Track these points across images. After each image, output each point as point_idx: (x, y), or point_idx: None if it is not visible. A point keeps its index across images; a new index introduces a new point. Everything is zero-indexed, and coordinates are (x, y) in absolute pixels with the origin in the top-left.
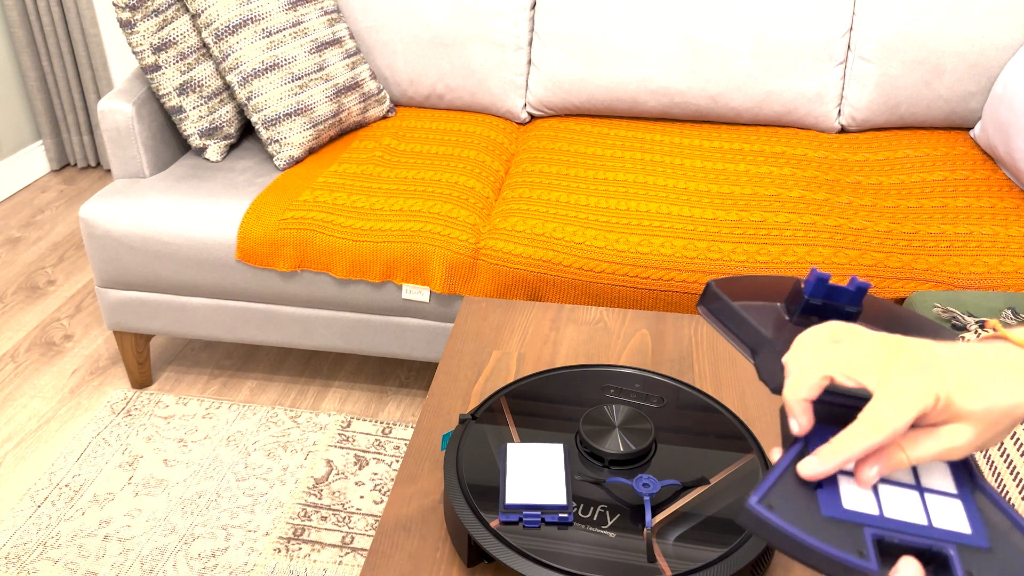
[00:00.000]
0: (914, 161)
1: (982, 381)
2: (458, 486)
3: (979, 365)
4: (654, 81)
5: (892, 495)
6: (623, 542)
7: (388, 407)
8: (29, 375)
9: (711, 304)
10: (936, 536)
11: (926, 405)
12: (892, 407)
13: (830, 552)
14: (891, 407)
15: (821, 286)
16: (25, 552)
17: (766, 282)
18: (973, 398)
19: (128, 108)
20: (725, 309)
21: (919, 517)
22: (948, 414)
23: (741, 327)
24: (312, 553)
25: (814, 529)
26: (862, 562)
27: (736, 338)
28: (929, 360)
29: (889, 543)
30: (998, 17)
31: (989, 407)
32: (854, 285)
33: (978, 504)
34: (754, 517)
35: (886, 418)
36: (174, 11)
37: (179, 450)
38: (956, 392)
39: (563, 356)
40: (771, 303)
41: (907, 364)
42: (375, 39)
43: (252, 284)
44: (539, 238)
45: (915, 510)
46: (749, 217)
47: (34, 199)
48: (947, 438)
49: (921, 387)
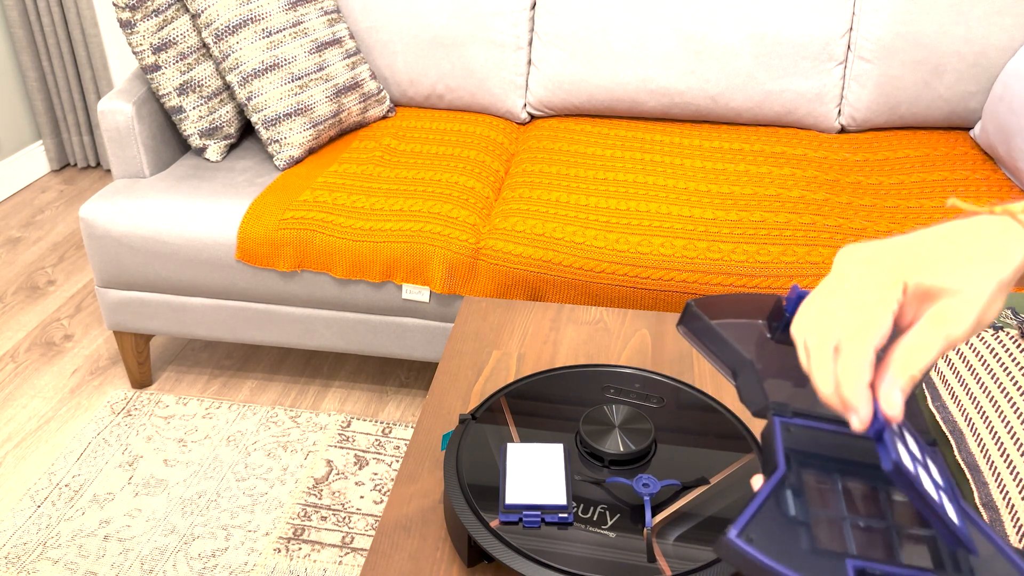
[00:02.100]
0: (914, 161)
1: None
2: (458, 486)
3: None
4: (654, 81)
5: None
6: (623, 542)
7: (388, 407)
8: (29, 375)
9: (691, 324)
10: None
11: (897, 296)
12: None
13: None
14: (862, 311)
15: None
16: (25, 552)
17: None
18: (949, 274)
19: (128, 108)
20: (705, 329)
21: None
22: (927, 300)
23: (721, 348)
24: (312, 553)
25: (795, 563)
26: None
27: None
28: (882, 251)
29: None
30: (998, 17)
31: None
32: None
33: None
34: (733, 550)
35: (863, 322)
36: (174, 11)
37: (179, 450)
38: (926, 273)
39: (563, 356)
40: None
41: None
42: (375, 39)
43: (252, 284)
44: (539, 238)
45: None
46: (749, 217)
47: (34, 199)
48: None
49: (882, 277)
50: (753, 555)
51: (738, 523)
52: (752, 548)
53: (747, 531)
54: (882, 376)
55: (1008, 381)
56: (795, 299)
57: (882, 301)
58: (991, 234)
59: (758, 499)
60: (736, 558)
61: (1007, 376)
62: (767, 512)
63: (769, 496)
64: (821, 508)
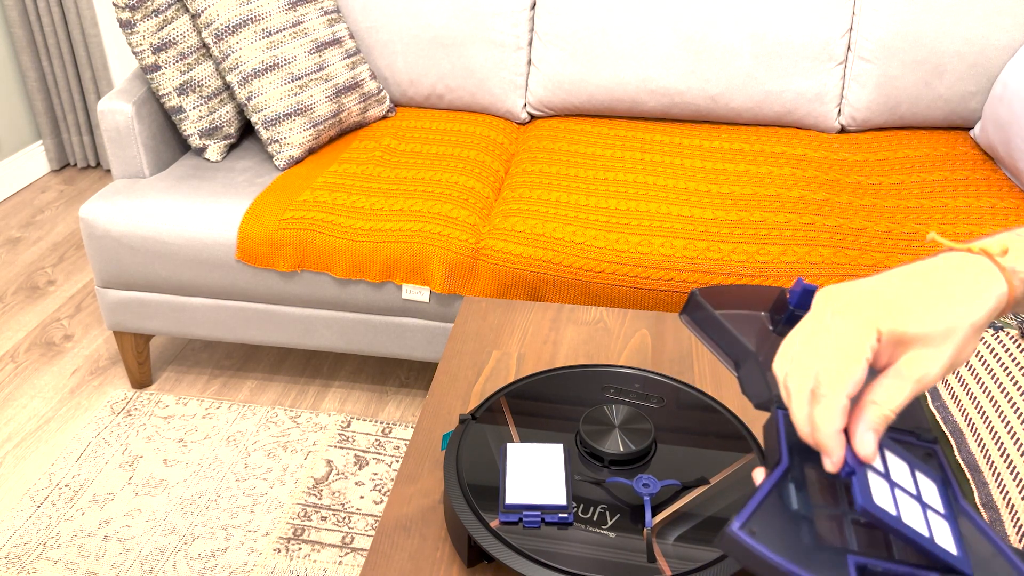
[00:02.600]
0: (914, 161)
1: (931, 302)
2: (458, 486)
3: (919, 284)
4: (654, 81)
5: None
6: (623, 542)
7: (388, 407)
8: (29, 375)
9: (694, 314)
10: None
11: (871, 343)
12: (838, 359)
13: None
14: (837, 359)
15: (807, 297)
16: (25, 552)
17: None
18: (921, 320)
19: (128, 108)
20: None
21: (923, 528)
22: (902, 346)
23: (724, 339)
24: (312, 553)
25: (797, 557)
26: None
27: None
28: (858, 298)
29: (872, 572)
30: (998, 17)
31: (937, 325)
32: None
33: (962, 529)
34: (736, 543)
35: (838, 371)
36: (174, 11)
37: (179, 450)
38: (899, 320)
39: (563, 356)
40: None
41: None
42: (375, 39)
43: (252, 284)
44: (539, 238)
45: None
46: (749, 217)
47: (34, 199)
48: (911, 368)
49: (857, 326)
50: (755, 548)
51: (741, 516)
52: (754, 541)
53: (749, 524)
54: (856, 419)
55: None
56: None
57: (857, 348)
58: (967, 276)
59: (761, 492)
60: (738, 551)
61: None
62: (770, 506)
63: (772, 490)
64: (823, 503)
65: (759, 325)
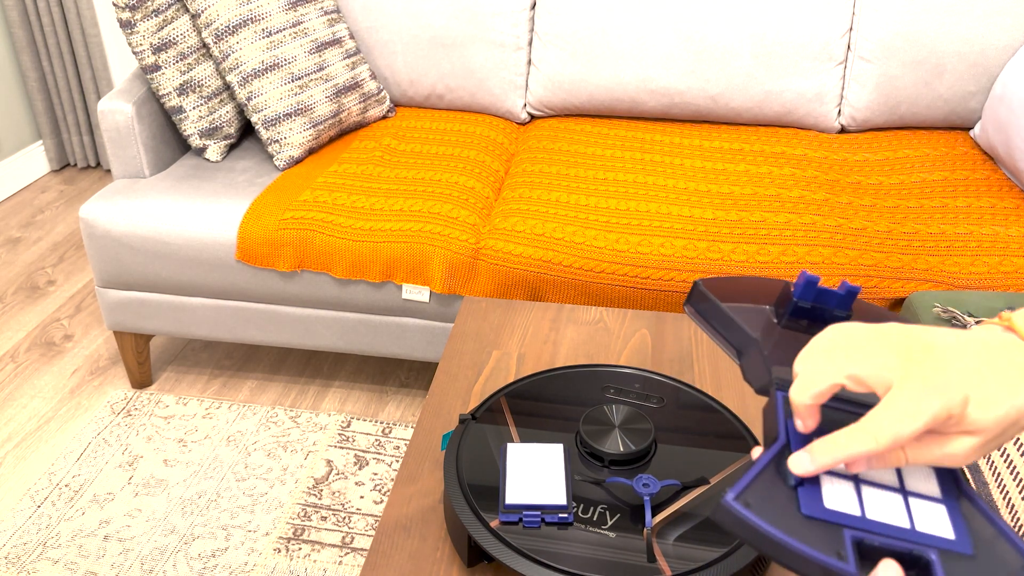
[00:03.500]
0: (914, 161)
1: (997, 391)
2: (458, 486)
3: (995, 372)
4: (654, 81)
5: (875, 497)
6: (623, 542)
7: (388, 407)
8: (29, 375)
9: (698, 304)
10: (918, 540)
11: (937, 419)
12: (901, 419)
13: (808, 553)
14: (900, 418)
15: (810, 289)
16: (25, 552)
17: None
18: (987, 411)
19: (128, 108)
20: (712, 309)
21: (902, 520)
22: (959, 427)
23: (728, 327)
24: (312, 553)
25: (792, 529)
26: (840, 564)
27: (722, 338)
28: (948, 373)
29: (869, 545)
30: (998, 17)
31: (1000, 418)
32: (844, 289)
33: (963, 511)
34: (730, 514)
35: (891, 428)
36: (174, 11)
37: (179, 450)
38: (971, 407)
39: (563, 356)
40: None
41: (925, 375)
42: (375, 39)
43: (252, 284)
44: (539, 238)
45: (898, 513)
46: (749, 217)
47: (34, 199)
48: (951, 447)
49: (935, 404)
50: (749, 519)
51: (736, 488)
52: (749, 512)
53: (744, 496)
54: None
55: None
56: (803, 284)
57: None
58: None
59: (757, 466)
60: (732, 522)
61: None
62: (765, 479)
63: (768, 464)
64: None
65: (763, 317)
